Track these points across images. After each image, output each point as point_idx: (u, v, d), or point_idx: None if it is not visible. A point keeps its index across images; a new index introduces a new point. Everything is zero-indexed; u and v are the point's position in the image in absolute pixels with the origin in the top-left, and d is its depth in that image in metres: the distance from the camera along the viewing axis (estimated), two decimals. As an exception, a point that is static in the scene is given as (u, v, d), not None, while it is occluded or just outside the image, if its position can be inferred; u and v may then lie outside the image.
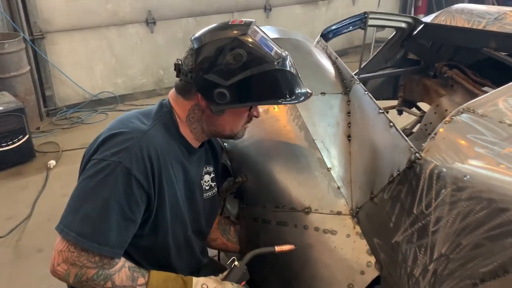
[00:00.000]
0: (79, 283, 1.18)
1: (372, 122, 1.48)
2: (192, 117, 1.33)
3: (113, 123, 1.31)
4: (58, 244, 1.16)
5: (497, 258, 0.97)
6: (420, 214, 1.15)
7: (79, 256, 1.15)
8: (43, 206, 3.24)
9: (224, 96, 1.23)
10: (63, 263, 1.16)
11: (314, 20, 6.53)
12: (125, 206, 1.17)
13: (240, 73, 1.22)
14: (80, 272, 1.16)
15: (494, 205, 0.98)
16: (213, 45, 1.23)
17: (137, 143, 1.21)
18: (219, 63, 1.22)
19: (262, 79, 1.24)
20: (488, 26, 2.45)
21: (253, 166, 1.60)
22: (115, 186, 1.16)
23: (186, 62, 1.28)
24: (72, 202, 1.18)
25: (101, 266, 1.17)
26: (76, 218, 1.14)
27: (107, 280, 1.18)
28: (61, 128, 4.59)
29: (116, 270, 1.20)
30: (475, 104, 1.26)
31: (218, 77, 1.22)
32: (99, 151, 1.22)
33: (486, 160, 1.06)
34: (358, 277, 1.34)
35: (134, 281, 1.21)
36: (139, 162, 1.19)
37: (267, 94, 1.28)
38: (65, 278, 1.17)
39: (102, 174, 1.17)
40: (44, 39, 4.67)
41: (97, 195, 1.16)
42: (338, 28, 2.49)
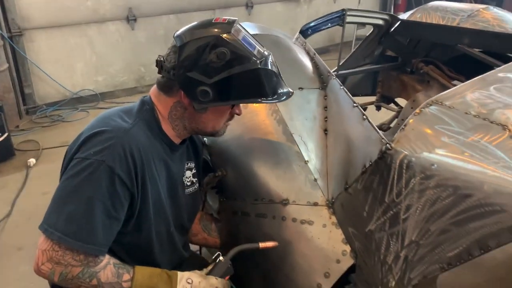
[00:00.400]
0: (64, 282, 1.18)
1: (347, 116, 1.52)
2: (174, 114, 1.34)
3: (94, 121, 1.31)
4: (42, 243, 1.16)
5: (462, 243, 1.02)
6: (391, 203, 1.19)
7: (64, 255, 1.15)
8: (23, 204, 3.21)
9: (207, 94, 1.24)
10: (48, 262, 1.15)
11: (296, 18, 6.58)
12: (109, 205, 1.18)
13: (223, 72, 1.23)
14: (65, 270, 1.16)
15: (459, 192, 1.02)
16: (196, 43, 1.24)
17: (120, 142, 1.21)
18: (202, 61, 1.22)
19: (245, 78, 1.26)
20: (461, 23, 2.52)
21: (232, 160, 1.62)
22: (98, 185, 1.16)
23: (168, 59, 1.28)
24: (55, 201, 1.18)
25: (86, 264, 1.17)
26: (60, 217, 1.14)
27: (93, 278, 1.18)
28: (41, 126, 4.54)
29: (101, 268, 1.20)
30: (443, 96, 1.30)
31: (201, 75, 1.23)
32: (81, 150, 1.21)
33: (452, 149, 1.11)
34: (334, 266, 1.37)
35: (119, 277, 1.21)
36: (122, 160, 1.20)
37: (249, 93, 1.30)
38: (49, 277, 1.17)
39: (85, 173, 1.16)
40: (23, 36, 4.62)
41: (80, 194, 1.15)
42: (316, 25, 2.52)
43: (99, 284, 1.19)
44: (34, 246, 2.75)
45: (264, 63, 1.27)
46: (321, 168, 1.52)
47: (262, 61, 1.27)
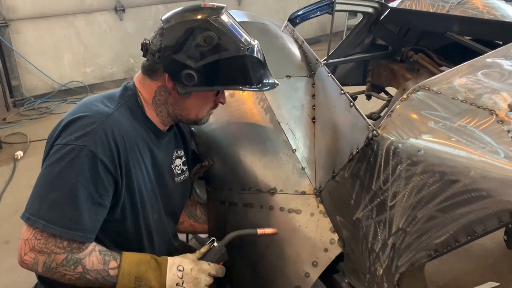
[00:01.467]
0: (49, 271, 1.14)
1: (334, 103, 1.50)
2: (158, 99, 1.32)
3: (76, 107, 1.28)
4: (24, 233, 1.13)
5: (449, 229, 1.01)
6: (378, 190, 1.17)
7: (46, 242, 1.12)
8: (10, 197, 3.18)
9: (192, 78, 1.23)
10: (30, 252, 1.12)
11: (286, 7, 6.53)
12: (92, 191, 1.15)
13: (210, 56, 1.22)
14: (49, 259, 1.13)
15: (446, 178, 1.01)
16: (184, 26, 1.23)
17: (101, 126, 1.18)
18: (189, 44, 1.21)
19: (231, 64, 1.25)
20: (451, 10, 2.50)
21: (219, 150, 1.60)
22: (81, 170, 1.14)
23: (154, 42, 1.26)
24: (37, 189, 1.15)
25: (70, 251, 1.14)
26: (43, 205, 1.11)
27: (78, 265, 1.15)
28: (28, 118, 4.49)
29: (86, 254, 1.17)
30: (431, 82, 1.29)
31: (187, 58, 1.22)
32: (62, 135, 1.18)
33: (438, 134, 1.09)
34: (322, 255, 1.36)
35: (105, 264, 1.18)
36: (104, 145, 1.17)
37: (234, 79, 1.28)
38: (33, 267, 1.14)
39: (66, 159, 1.14)
40: (8, 27, 4.54)
41: (63, 181, 1.13)
42: (305, 13, 2.49)
43: (84, 271, 1.16)
44: (21, 239, 2.70)
45: (251, 50, 1.26)
46: (308, 156, 1.51)
47: (249, 48, 1.26)
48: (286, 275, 1.40)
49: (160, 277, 1.22)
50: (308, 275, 1.35)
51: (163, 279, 1.22)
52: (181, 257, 1.29)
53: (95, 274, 1.17)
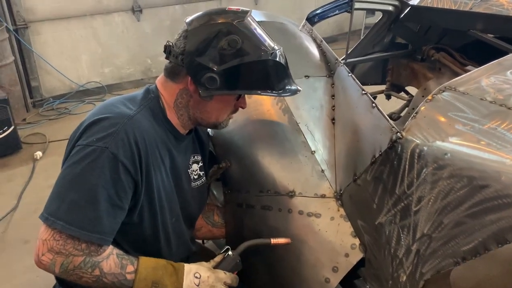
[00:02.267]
0: (66, 273, 1.14)
1: (355, 104, 1.47)
2: (179, 102, 1.31)
3: (97, 108, 1.28)
4: (42, 233, 1.12)
5: (478, 236, 0.96)
6: (402, 194, 1.14)
7: (65, 244, 1.11)
8: (30, 197, 3.21)
9: (214, 81, 1.22)
10: (48, 253, 1.11)
11: (303, 7, 6.47)
12: (112, 193, 1.14)
13: (233, 60, 1.21)
14: (67, 260, 1.12)
15: (474, 182, 0.96)
16: (208, 29, 1.22)
17: (123, 128, 1.17)
18: (213, 47, 1.21)
19: (253, 69, 1.24)
20: (474, 8, 2.43)
21: (236, 151, 1.58)
22: (101, 172, 1.13)
23: (177, 44, 1.26)
24: (57, 189, 1.14)
25: (88, 254, 1.14)
26: (62, 206, 1.10)
27: (95, 268, 1.14)
28: (47, 119, 4.54)
29: (104, 257, 1.16)
30: (457, 82, 1.24)
31: (210, 61, 1.21)
32: (84, 137, 1.17)
33: (467, 137, 1.05)
34: (343, 260, 1.33)
35: (123, 268, 1.18)
36: (126, 147, 1.16)
37: (256, 84, 1.28)
38: (50, 268, 1.13)
39: (87, 160, 1.13)
40: (28, 29, 4.60)
41: (83, 182, 1.12)
42: (323, 11, 2.45)
43: (102, 275, 1.15)
44: (40, 239, 2.72)
45: (274, 55, 1.26)
46: (328, 158, 1.47)
47: (273, 53, 1.25)
48: (305, 280, 1.37)
49: (176, 283, 1.21)
50: (328, 281, 1.32)
51: (180, 285, 1.21)
52: (197, 265, 1.28)
53: (112, 277, 1.17)
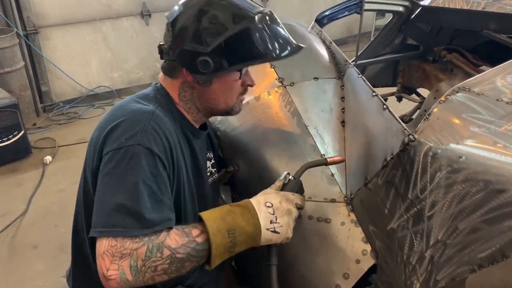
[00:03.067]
0: (139, 275, 1.02)
1: (365, 106, 1.43)
2: (183, 96, 1.30)
3: (111, 112, 1.24)
4: (98, 249, 1.03)
5: (495, 242, 0.92)
6: (415, 199, 1.10)
7: (123, 243, 1.02)
8: (39, 202, 3.22)
9: (208, 64, 1.17)
10: (112, 263, 1.01)
11: (312, 9, 6.45)
12: (155, 188, 1.08)
13: (219, 36, 1.16)
14: (133, 259, 1.01)
15: (491, 187, 0.92)
16: (186, 13, 1.19)
17: (149, 124, 1.14)
18: (196, 30, 1.16)
19: (243, 38, 1.17)
20: (487, 7, 2.39)
21: (244, 155, 1.56)
22: (140, 168, 1.07)
23: (165, 40, 1.24)
24: (100, 201, 1.08)
25: (148, 241, 1.04)
26: (109, 213, 1.04)
27: (162, 248, 1.04)
28: (57, 123, 4.56)
29: (164, 236, 1.06)
30: (471, 82, 1.20)
31: (197, 44, 1.17)
32: (109, 141, 1.13)
33: (482, 139, 1.01)
34: (354, 266, 1.29)
35: (188, 235, 1.07)
36: (157, 141, 1.13)
37: (251, 54, 1.19)
38: (122, 278, 1.01)
39: (124, 161, 1.08)
40: (38, 34, 4.63)
41: (125, 183, 1.06)
42: (332, 13, 2.43)
43: (172, 252, 1.04)
44: (49, 244, 2.76)
45: (261, 18, 1.18)
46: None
47: (259, 16, 1.18)
48: (315, 287, 1.34)
49: (252, 219, 1.12)
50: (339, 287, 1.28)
51: (256, 220, 1.12)
52: (261, 195, 1.19)
53: (184, 249, 1.06)
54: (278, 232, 1.16)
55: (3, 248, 2.75)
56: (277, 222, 1.15)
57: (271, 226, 1.14)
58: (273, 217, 1.15)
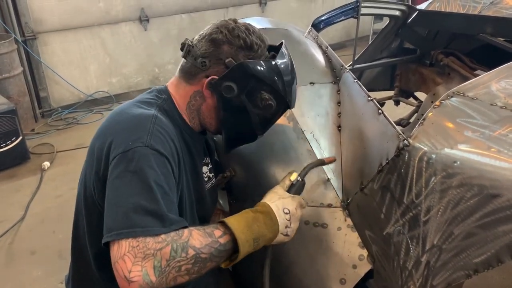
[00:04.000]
0: (163, 276, 0.99)
1: (361, 111, 1.43)
2: (192, 105, 1.29)
3: (113, 118, 1.22)
4: (116, 253, 0.98)
5: (490, 247, 0.92)
6: (410, 204, 1.10)
7: (145, 243, 0.98)
8: (37, 208, 3.21)
9: (232, 90, 1.20)
10: (134, 265, 0.96)
11: (310, 14, 6.46)
12: (167, 188, 1.07)
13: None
14: (156, 259, 0.98)
15: (485, 191, 0.92)
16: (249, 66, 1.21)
17: (155, 126, 1.13)
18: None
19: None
20: (483, 11, 2.39)
21: (241, 160, 1.55)
22: (151, 169, 1.05)
23: (199, 46, 1.23)
24: (113, 204, 1.05)
25: (171, 241, 1.01)
26: (128, 214, 1.01)
27: (187, 248, 1.01)
28: (56, 129, 4.56)
29: (187, 236, 1.03)
30: (466, 87, 1.20)
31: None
32: (115, 146, 1.11)
33: (477, 144, 1.01)
34: (350, 271, 1.29)
35: (211, 236, 1.06)
36: (164, 143, 1.12)
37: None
38: (145, 280, 0.96)
39: (133, 163, 1.06)
40: (36, 40, 4.64)
41: (137, 184, 1.04)
42: (329, 17, 2.43)
43: (197, 252, 1.02)
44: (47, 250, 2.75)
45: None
46: (334, 167, 1.44)
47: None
48: (312, 293, 1.34)
49: (273, 226, 1.16)
50: (335, 293, 1.28)
51: (276, 226, 1.16)
52: (277, 197, 1.21)
53: (208, 249, 1.05)
54: (289, 235, 1.20)
55: (1, 254, 2.74)
56: (290, 227, 1.19)
57: (285, 230, 1.19)
58: (289, 223, 1.19)
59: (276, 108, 1.25)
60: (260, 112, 1.25)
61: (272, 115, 1.29)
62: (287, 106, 1.29)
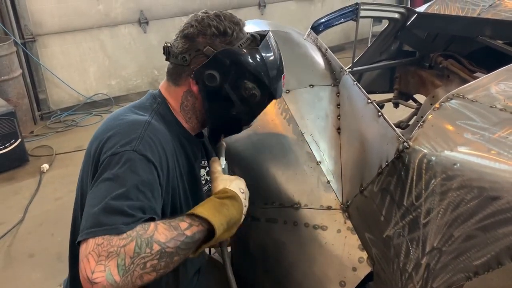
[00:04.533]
0: (128, 274, 0.95)
1: (361, 113, 1.43)
2: (185, 106, 1.29)
3: (107, 122, 1.23)
4: (83, 252, 0.96)
5: (490, 250, 0.92)
6: (410, 206, 1.09)
7: (110, 240, 0.95)
8: (36, 210, 3.21)
9: (214, 79, 1.21)
10: (98, 264, 0.93)
11: (310, 16, 6.48)
12: (149, 195, 1.05)
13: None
14: (120, 258, 0.94)
15: (485, 194, 0.92)
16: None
17: (145, 133, 1.13)
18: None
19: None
20: (482, 14, 2.40)
21: (240, 162, 1.55)
22: (134, 174, 1.04)
23: (176, 44, 1.26)
24: (90, 204, 1.03)
25: (135, 236, 0.97)
26: (99, 215, 0.99)
27: (152, 244, 0.98)
28: (55, 131, 4.56)
29: (153, 230, 1.00)
30: (465, 89, 1.20)
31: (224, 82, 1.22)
32: (105, 149, 1.11)
33: (476, 146, 1.01)
34: (350, 274, 1.28)
35: (177, 229, 1.04)
36: (153, 150, 1.12)
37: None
38: (109, 281, 0.93)
39: (117, 166, 1.05)
40: (36, 42, 4.64)
41: (116, 187, 1.02)
42: (328, 20, 2.44)
43: (162, 247, 1.00)
44: (46, 252, 2.74)
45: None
46: (334, 169, 1.44)
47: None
48: (312, 295, 1.33)
49: (239, 206, 1.20)
50: (335, 296, 1.27)
51: (241, 207, 1.21)
52: (228, 181, 1.24)
53: (173, 243, 1.02)
54: (245, 214, 1.24)
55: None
56: (246, 205, 1.24)
57: (245, 209, 1.23)
58: (245, 201, 1.24)
59: (260, 98, 1.25)
60: (245, 102, 1.25)
61: (257, 105, 1.28)
62: (272, 95, 1.28)
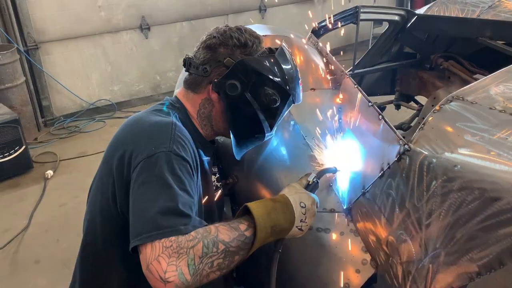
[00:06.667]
0: (198, 273, 1.00)
1: (362, 116, 1.44)
2: (202, 113, 1.33)
3: (130, 126, 1.24)
4: (150, 255, 0.99)
5: (492, 250, 0.93)
6: (412, 208, 1.10)
7: (178, 242, 0.99)
8: (41, 216, 3.22)
9: (236, 89, 1.24)
10: (169, 265, 0.97)
11: (310, 19, 6.49)
12: (190, 191, 1.09)
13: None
14: (190, 258, 0.99)
15: (486, 195, 0.93)
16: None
17: (175, 133, 1.15)
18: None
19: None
20: (482, 15, 2.41)
21: (243, 166, 1.56)
22: (175, 174, 1.08)
23: (197, 56, 1.29)
24: (140, 209, 1.06)
25: (201, 237, 1.02)
26: (157, 217, 1.02)
27: (217, 243, 1.04)
28: (58, 138, 4.58)
29: (216, 231, 1.06)
30: (465, 91, 1.21)
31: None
32: (136, 153, 1.12)
33: (476, 148, 1.02)
34: (354, 276, 1.29)
35: (237, 229, 1.09)
36: (186, 149, 1.14)
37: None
38: (181, 280, 0.98)
39: (157, 168, 1.07)
40: (39, 49, 4.67)
41: (163, 189, 1.06)
42: (329, 23, 2.45)
43: (226, 246, 1.05)
44: (51, 258, 2.74)
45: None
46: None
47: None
48: (316, 298, 1.34)
49: (290, 216, 1.18)
50: (339, 298, 1.28)
51: (292, 217, 1.19)
52: (295, 191, 1.23)
53: (236, 243, 1.07)
54: (303, 230, 1.22)
55: (5, 264, 2.75)
56: (305, 222, 1.21)
57: (300, 224, 1.20)
58: (304, 217, 1.21)
59: (281, 102, 1.29)
60: (266, 109, 1.28)
61: (278, 111, 1.31)
62: (291, 100, 1.33)
